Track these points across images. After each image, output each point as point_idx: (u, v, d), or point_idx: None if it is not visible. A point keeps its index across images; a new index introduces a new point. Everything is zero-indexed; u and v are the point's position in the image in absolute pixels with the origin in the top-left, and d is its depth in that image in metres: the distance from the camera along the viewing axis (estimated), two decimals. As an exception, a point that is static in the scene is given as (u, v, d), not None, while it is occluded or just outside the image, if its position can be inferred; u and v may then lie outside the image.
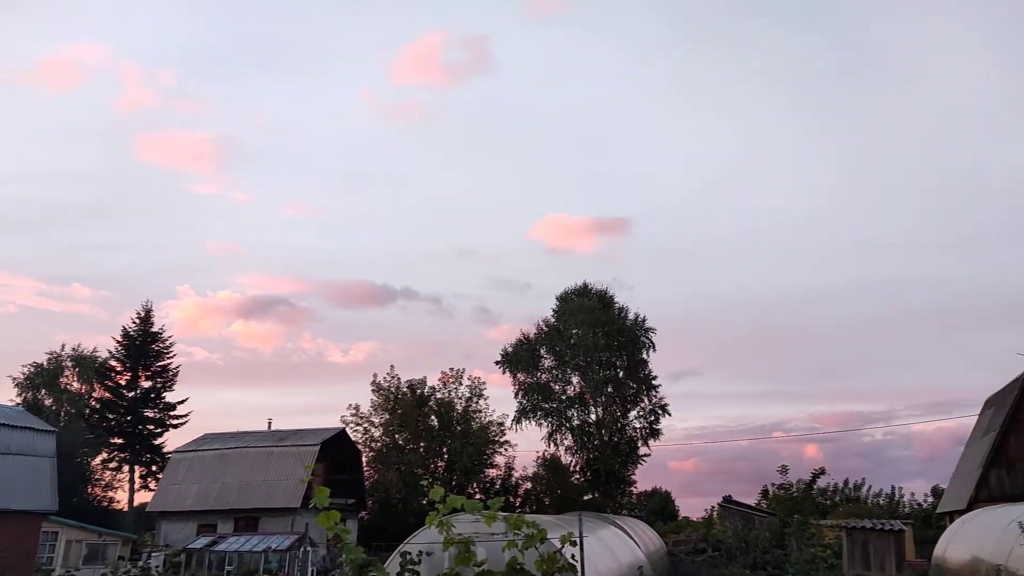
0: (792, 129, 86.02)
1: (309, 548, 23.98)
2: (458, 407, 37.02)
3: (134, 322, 44.07)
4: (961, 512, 26.88)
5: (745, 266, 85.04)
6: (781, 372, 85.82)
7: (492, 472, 37.95)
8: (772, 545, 21.24)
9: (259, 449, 35.12)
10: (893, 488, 48.29)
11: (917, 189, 79.82)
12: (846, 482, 48.35)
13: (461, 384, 37.69)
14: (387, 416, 36.40)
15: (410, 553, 7.89)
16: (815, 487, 27.55)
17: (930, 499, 44.47)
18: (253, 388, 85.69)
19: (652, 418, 39.66)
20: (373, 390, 37.00)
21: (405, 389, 36.90)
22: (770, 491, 29.06)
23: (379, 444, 36.21)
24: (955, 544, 19.39)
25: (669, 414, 39.55)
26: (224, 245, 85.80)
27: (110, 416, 42.20)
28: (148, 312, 44.38)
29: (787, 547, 20.49)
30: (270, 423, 38.24)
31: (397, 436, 36.11)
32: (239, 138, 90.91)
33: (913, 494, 48.03)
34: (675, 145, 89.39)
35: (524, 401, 39.32)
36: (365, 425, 36.61)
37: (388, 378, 37.30)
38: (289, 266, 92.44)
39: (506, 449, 37.79)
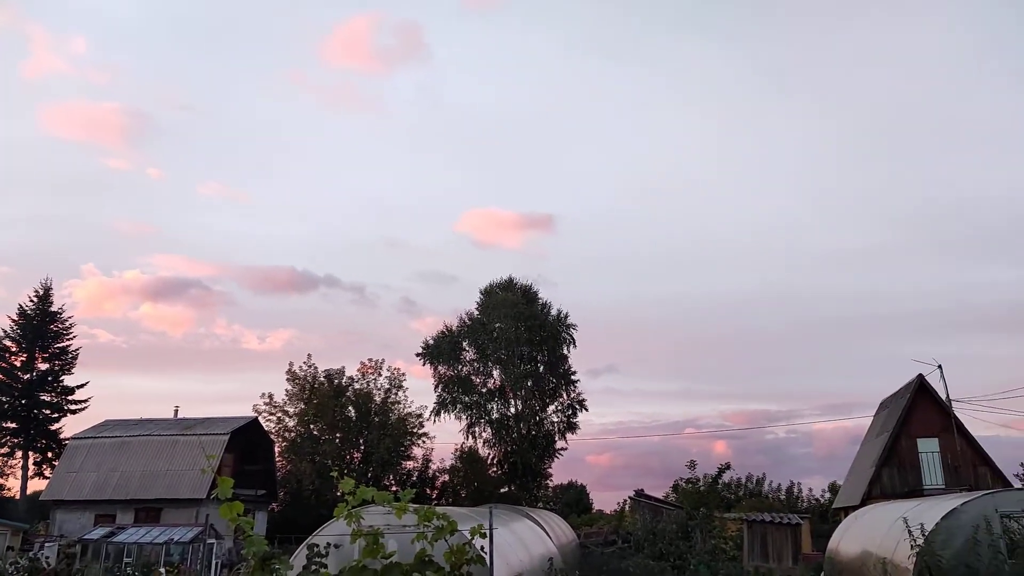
0: (721, 137, 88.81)
1: (214, 540, 23.27)
2: (377, 398, 36.59)
3: (32, 300, 41.65)
4: (855, 507, 28.51)
5: (665, 268, 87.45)
6: (695, 372, 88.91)
7: (409, 464, 37.80)
8: (678, 537, 21.90)
9: (163, 437, 33.87)
10: (793, 484, 50.88)
11: (830, 205, 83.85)
12: (749, 477, 50.59)
13: (381, 375, 37.32)
14: (302, 406, 35.62)
15: (318, 545, 7.77)
16: (720, 482, 28.65)
17: (827, 495, 47.02)
18: (160, 374, 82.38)
19: (570, 412, 40.33)
20: (288, 379, 36.16)
21: (322, 379, 36.18)
22: (679, 485, 30.11)
23: (293, 434, 35.41)
24: (847, 538, 20.54)
25: (587, 409, 40.35)
26: (135, 224, 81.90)
27: (3, 399, 39.83)
28: (47, 290, 42.07)
29: (692, 539, 21.19)
30: (176, 411, 36.89)
31: (312, 427, 35.40)
32: (155, 113, 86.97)
33: (811, 490, 50.76)
34: (604, 145, 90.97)
35: (444, 394, 39.27)
36: (279, 415, 35.77)
37: (304, 367, 36.53)
38: (205, 248, 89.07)
39: (424, 441, 37.71)
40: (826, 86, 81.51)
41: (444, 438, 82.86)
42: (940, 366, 30.94)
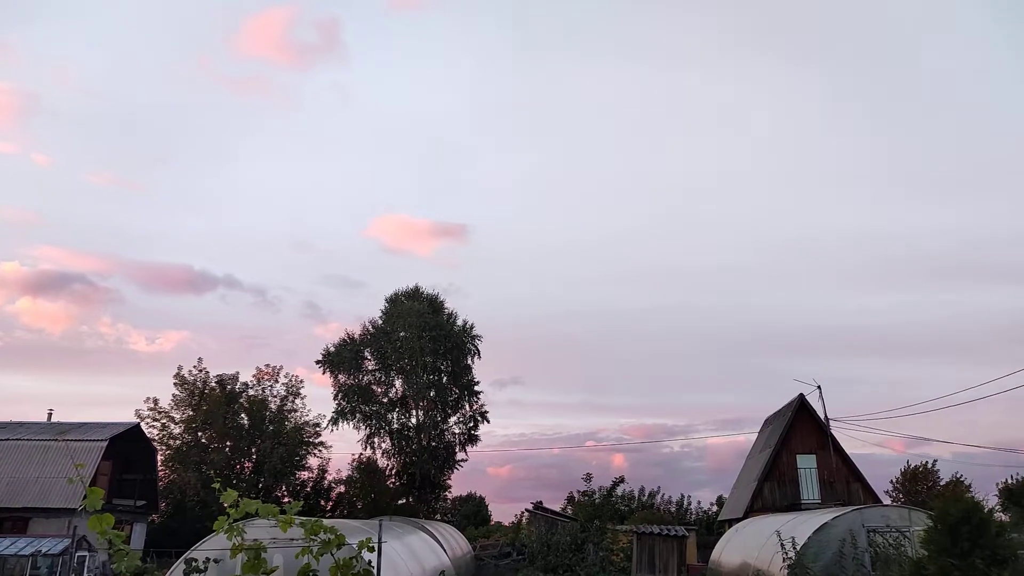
0: (626, 150, 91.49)
1: (86, 553, 21.91)
2: (272, 406, 35.44)
3: None
4: (738, 520, 29.93)
5: (572, 282, 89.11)
6: (598, 385, 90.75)
7: (304, 475, 36.75)
8: (571, 549, 22.42)
9: (34, 442, 31.60)
10: (684, 496, 52.85)
11: (722, 223, 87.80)
12: (642, 490, 52.17)
13: (278, 382, 36.19)
14: (190, 412, 34.06)
15: (196, 560, 7.56)
16: (615, 494, 29.49)
17: (714, 507, 49.08)
18: (36, 374, 76.76)
19: (472, 424, 40.39)
20: (176, 383, 34.49)
21: (214, 384, 34.72)
22: (575, 497, 30.71)
23: (178, 442, 33.79)
24: (728, 550, 21.59)
25: (488, 421, 40.51)
26: (16, 211, 76.14)
27: None
28: (-94, 280, 38.59)
29: (584, 551, 21.72)
30: (50, 414, 34.53)
31: (200, 434, 33.92)
32: (46, 94, 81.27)
33: (700, 502, 52.87)
34: (519, 157, 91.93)
35: (343, 403, 38.53)
36: (164, 421, 34.04)
37: (194, 371, 34.95)
38: (92, 240, 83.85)
39: (320, 451, 36.79)
40: (708, 120, 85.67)
41: (342, 448, 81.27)
42: (819, 386, 33.03)
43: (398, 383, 39.61)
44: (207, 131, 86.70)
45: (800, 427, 33.09)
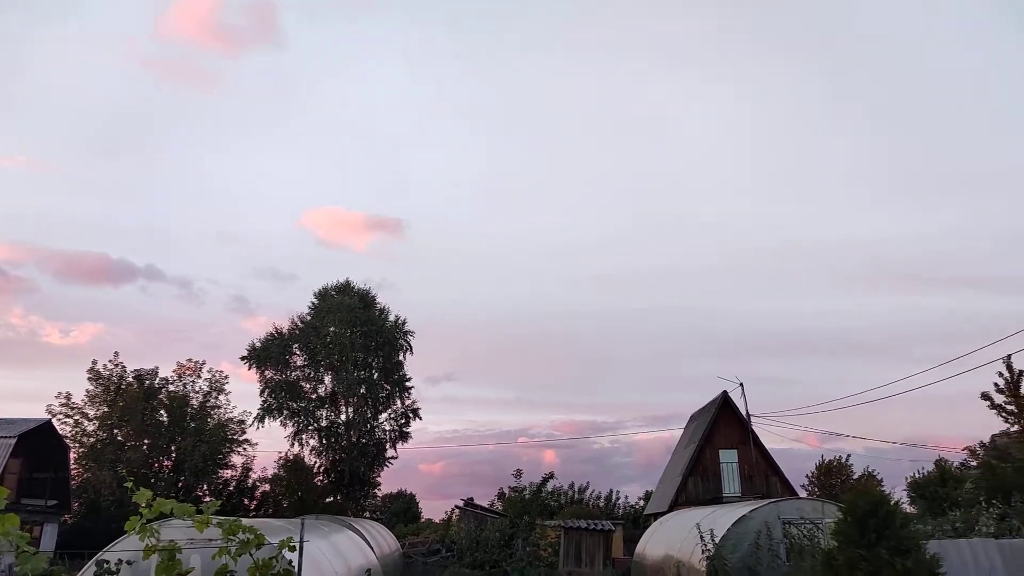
0: (559, 149, 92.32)
1: (-10, 557, 20.75)
2: (194, 402, 34.26)
3: None
4: (664, 513, 30.71)
5: (506, 278, 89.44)
6: (531, 381, 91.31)
7: (227, 473, 35.66)
8: (500, 545, 22.55)
9: (-66, 441, 29.74)
10: (612, 491, 53.86)
11: (654, 226, 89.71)
12: (572, 485, 52.86)
13: (200, 377, 34.97)
14: (106, 409, 32.60)
15: (107, 562, 7.28)
16: (544, 490, 29.79)
17: (642, 502, 50.17)
18: (-62, 368, 72.11)
19: (403, 421, 40.06)
20: (91, 378, 32.94)
21: (131, 379, 33.31)
22: (505, 493, 30.88)
23: (93, 439, 32.32)
24: (652, 542, 22.12)
25: (420, 418, 40.25)
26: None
27: None
28: None
29: (513, 546, 21.88)
30: (-47, 410, 32.54)
31: (117, 431, 32.52)
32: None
33: (627, 497, 53.98)
34: (455, 152, 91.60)
35: (270, 399, 37.62)
36: (77, 417, 32.48)
37: (111, 365, 33.45)
38: (3, 227, 79.25)
39: (245, 449, 35.78)
40: (639, 124, 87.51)
41: (269, 446, 79.25)
42: (742, 384, 34.16)
43: (327, 379, 38.93)
44: (130, 115, 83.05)
45: (723, 423, 34.18)
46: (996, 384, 26.87)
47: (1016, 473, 25.19)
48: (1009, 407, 26.73)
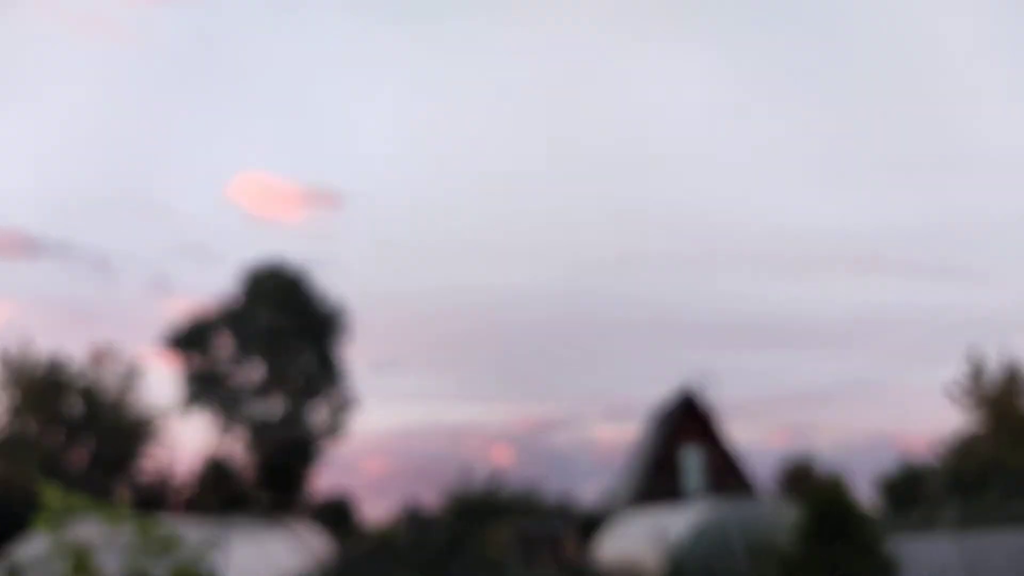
0: (519, 122, 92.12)
1: None
2: (110, 391, 33.49)
3: None
4: (621, 512, 31.35)
5: (456, 263, 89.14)
6: (483, 371, 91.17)
7: (146, 468, 35.02)
8: (447, 547, 22.74)
9: None
10: (567, 489, 54.56)
11: (619, 209, 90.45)
12: (524, 483, 53.39)
13: (116, 364, 34.15)
14: (16, 396, 31.70)
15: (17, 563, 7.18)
16: (495, 489, 30.12)
17: (598, 500, 51.02)
18: None
19: (341, 412, 39.81)
20: (-1, 363, 31.97)
21: (43, 363, 32.41)
22: (453, 492, 31.11)
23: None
24: (610, 543, 22.62)
25: (359, 408, 40.02)
26: None
27: None
28: None
29: (460, 549, 22.09)
30: None
31: (26, 422, 31.67)
32: None
33: (584, 495, 54.77)
34: (402, 121, 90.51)
35: (194, 388, 36.97)
36: (-21, 405, 31.54)
37: (20, 350, 32.45)
38: None
39: (166, 443, 35.16)
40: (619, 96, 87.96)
41: (193, 439, 78.00)
42: (706, 378, 34.98)
43: (258, 367, 38.42)
44: (40, 72, 79.86)
45: (686, 418, 34.99)
46: (961, 379, 28.15)
47: (979, 468, 26.48)
48: (972, 402, 28.05)
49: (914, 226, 78.65)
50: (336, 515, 61.61)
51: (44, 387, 31.33)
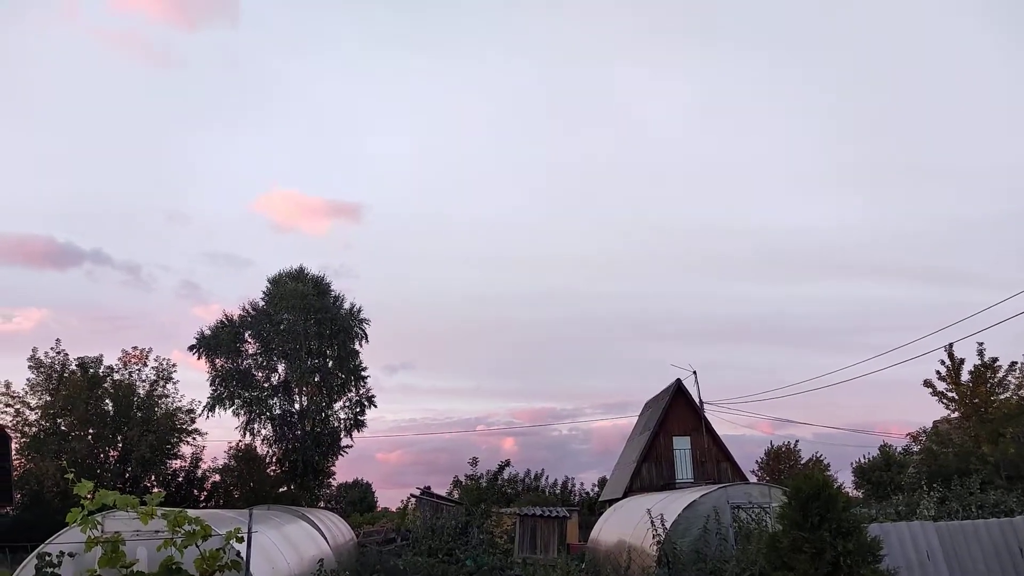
0: (521, 134, 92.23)
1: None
2: (141, 391, 33.46)
3: None
4: (617, 499, 31.21)
5: (466, 267, 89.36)
6: (490, 370, 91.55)
7: (176, 464, 34.96)
8: (456, 532, 22.65)
9: None
10: (568, 478, 54.52)
11: (614, 213, 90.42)
12: (528, 472, 53.36)
13: (147, 366, 34.15)
14: (48, 398, 31.64)
15: (50, 554, 7.12)
16: (501, 478, 29.98)
17: (597, 488, 50.90)
18: None
19: (358, 410, 39.84)
20: (31, 366, 31.91)
21: (75, 367, 32.36)
22: (462, 481, 30.96)
23: (35, 429, 31.36)
24: (606, 528, 22.48)
25: (376, 406, 40.14)
26: None
27: None
28: None
29: (469, 534, 21.99)
30: None
31: (60, 421, 31.59)
32: None
33: (583, 483, 54.71)
34: (415, 137, 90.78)
35: (221, 388, 37.00)
36: (18, 406, 31.47)
37: (53, 353, 32.44)
38: (-64, 208, 76.06)
39: (195, 439, 35.11)
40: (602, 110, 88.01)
41: (220, 436, 78.22)
42: (695, 372, 34.84)
43: (280, 368, 38.46)
44: (74, 88, 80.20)
45: (677, 410, 34.83)
46: (938, 372, 27.94)
47: (956, 458, 26.28)
48: (950, 394, 27.83)
49: (897, 230, 78.56)
50: (355, 503, 61.77)
51: (77, 388, 31.28)
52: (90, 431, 31.73)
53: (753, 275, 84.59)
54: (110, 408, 32.47)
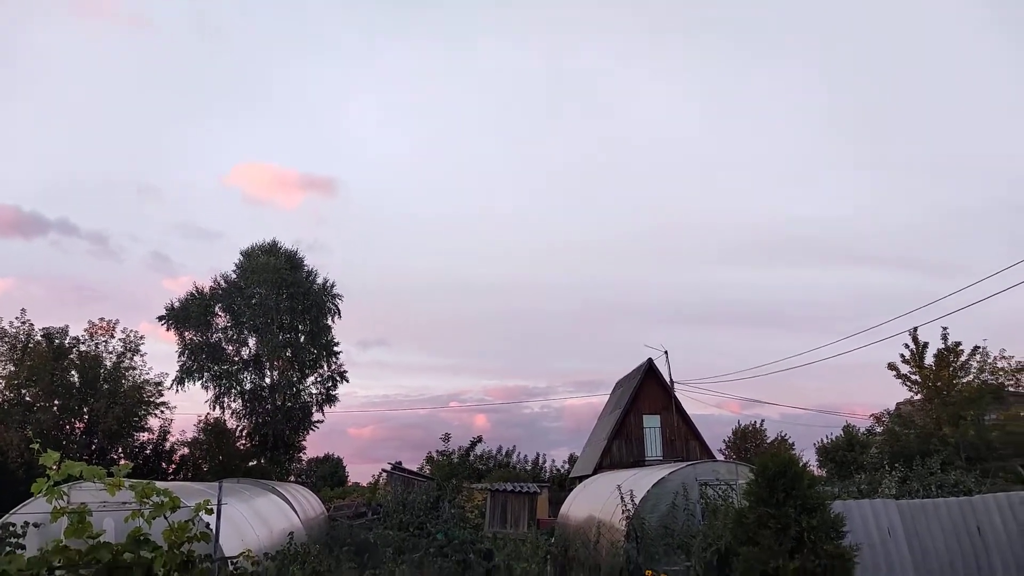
0: (497, 126, 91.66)
1: None
2: (108, 363, 32.89)
3: None
4: (588, 476, 31.60)
5: (441, 246, 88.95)
6: (463, 348, 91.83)
7: (143, 436, 34.53)
8: (428, 507, 22.75)
9: None
10: (540, 455, 55.00)
11: (591, 199, 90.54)
12: (500, 449, 53.71)
13: (114, 337, 33.53)
14: (12, 368, 30.99)
15: (14, 525, 7.02)
16: (473, 454, 30.15)
17: (567, 465, 51.43)
18: None
19: (330, 384, 39.65)
20: (-5, 336, 31.20)
21: (40, 338, 31.71)
22: (433, 457, 31.09)
23: (-1, 400, 30.77)
24: (576, 504, 22.75)
25: (347, 381, 39.94)
26: None
27: None
28: None
29: (440, 509, 22.11)
30: None
31: (24, 392, 30.99)
32: None
33: (554, 460, 55.25)
34: (391, 112, 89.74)
35: (189, 361, 36.55)
36: (-20, 377, 30.82)
37: (17, 323, 31.73)
38: None
39: (163, 411, 34.67)
40: (594, 104, 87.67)
41: (190, 409, 77.46)
42: (666, 352, 35.18)
43: (251, 342, 38.08)
44: (38, 52, 77.77)
45: (648, 389, 35.22)
46: (902, 355, 28.57)
47: (918, 439, 26.98)
48: (913, 377, 28.50)
49: (863, 217, 79.66)
50: (326, 478, 61.77)
51: (41, 359, 30.68)
52: (55, 402, 31.21)
53: (725, 259, 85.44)
54: (76, 380, 31.93)
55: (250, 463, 36.49)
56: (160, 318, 36.98)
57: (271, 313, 36.69)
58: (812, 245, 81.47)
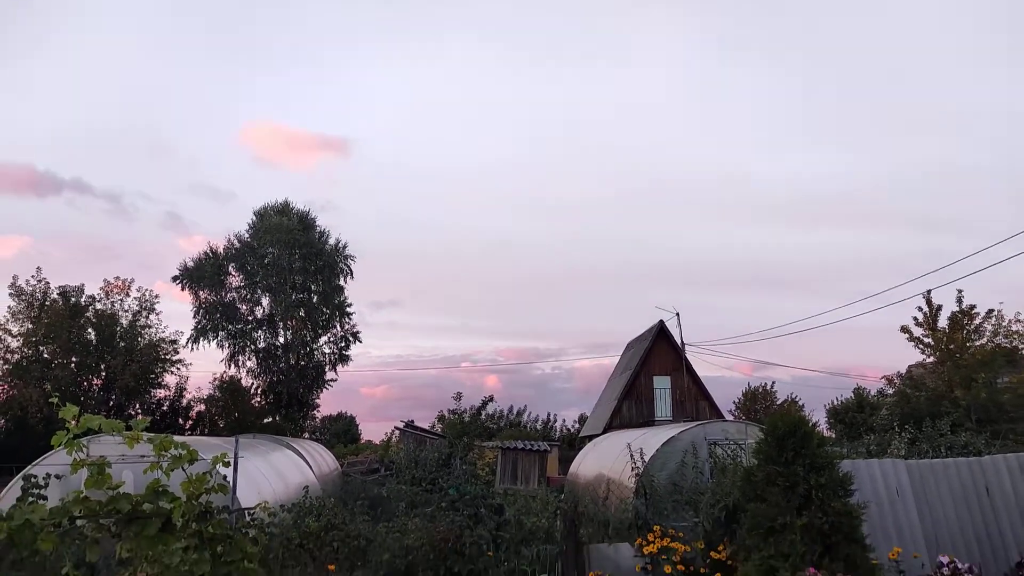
0: (515, 72, 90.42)
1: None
2: (123, 321, 33.29)
3: None
4: (598, 435, 31.90)
5: (454, 206, 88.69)
6: (476, 309, 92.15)
7: (160, 393, 35.12)
8: (439, 464, 23.09)
9: None
10: (550, 415, 55.55)
11: (603, 156, 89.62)
12: (511, 408, 54.26)
13: (129, 295, 33.89)
14: (30, 325, 31.42)
15: (35, 476, 7.18)
16: (484, 413, 30.50)
17: (577, 425, 51.94)
18: None
19: (343, 344, 40.00)
20: (12, 294, 31.57)
21: (56, 296, 32.07)
22: (445, 416, 31.48)
23: (18, 356, 31.25)
24: (586, 462, 23.01)
25: (360, 341, 40.30)
26: None
27: None
28: None
29: (451, 466, 22.43)
30: None
31: (42, 348, 31.46)
32: None
33: (564, 420, 55.81)
34: (405, 74, 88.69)
35: (204, 320, 36.93)
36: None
37: (33, 281, 32.07)
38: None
39: (179, 369, 35.18)
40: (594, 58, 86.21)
41: (205, 367, 78.52)
42: (678, 313, 35.19)
43: (265, 301, 38.38)
44: (49, 11, 77.17)
45: (658, 351, 35.29)
46: (915, 318, 28.39)
47: (928, 401, 26.96)
48: (926, 340, 28.36)
49: (882, 179, 78.58)
50: (340, 435, 62.75)
51: (58, 317, 31.06)
52: (73, 359, 31.68)
53: (738, 221, 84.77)
54: (93, 337, 32.36)
55: (265, 420, 37.09)
56: (175, 278, 37.30)
57: (284, 273, 36.89)
58: (827, 207, 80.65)
